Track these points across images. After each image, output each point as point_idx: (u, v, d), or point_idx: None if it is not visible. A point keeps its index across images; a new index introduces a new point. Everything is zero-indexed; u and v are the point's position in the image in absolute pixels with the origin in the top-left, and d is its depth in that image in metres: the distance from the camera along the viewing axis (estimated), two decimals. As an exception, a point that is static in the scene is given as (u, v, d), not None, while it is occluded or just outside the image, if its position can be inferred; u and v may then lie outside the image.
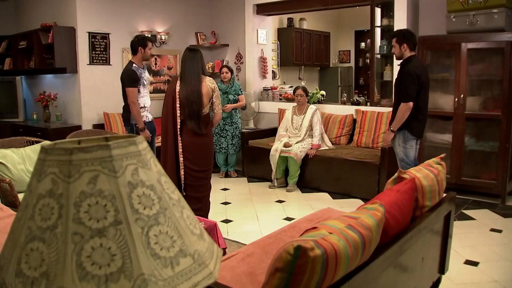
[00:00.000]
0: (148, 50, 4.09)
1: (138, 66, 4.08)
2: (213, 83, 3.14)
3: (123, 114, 4.22)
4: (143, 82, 4.11)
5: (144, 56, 4.10)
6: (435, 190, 1.92)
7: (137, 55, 4.08)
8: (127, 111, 4.10)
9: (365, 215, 1.34)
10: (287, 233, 2.17)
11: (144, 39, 4.12)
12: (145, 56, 4.11)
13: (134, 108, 3.95)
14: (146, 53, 4.09)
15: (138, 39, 4.11)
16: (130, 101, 3.96)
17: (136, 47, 4.07)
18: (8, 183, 3.00)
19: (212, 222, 2.61)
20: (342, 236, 1.20)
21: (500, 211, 4.12)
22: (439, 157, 2.14)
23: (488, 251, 3.21)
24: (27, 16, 6.28)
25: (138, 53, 4.07)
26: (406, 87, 3.52)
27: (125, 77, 4.03)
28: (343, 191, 4.76)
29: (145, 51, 4.06)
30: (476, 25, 4.37)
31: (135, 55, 4.10)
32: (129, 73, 4.00)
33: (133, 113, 3.98)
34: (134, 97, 3.96)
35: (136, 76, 4.00)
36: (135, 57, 4.10)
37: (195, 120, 3.05)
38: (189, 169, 3.16)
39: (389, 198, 1.60)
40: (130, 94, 3.96)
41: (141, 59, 4.12)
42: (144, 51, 4.06)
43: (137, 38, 4.17)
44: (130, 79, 3.97)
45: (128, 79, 3.98)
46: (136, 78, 4.01)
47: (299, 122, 5.13)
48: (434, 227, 1.95)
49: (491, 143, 4.48)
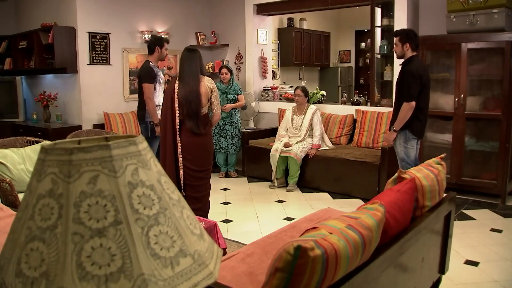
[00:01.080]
0: (164, 50, 4.26)
1: (154, 65, 4.22)
2: (211, 83, 3.14)
3: (138, 113, 4.31)
4: (159, 80, 4.24)
5: (160, 56, 4.26)
6: (435, 190, 1.92)
7: (153, 54, 4.22)
8: (142, 109, 4.20)
9: (365, 215, 1.34)
10: (287, 233, 2.17)
11: (161, 39, 4.29)
12: (161, 56, 4.27)
13: (150, 104, 4.05)
14: (162, 53, 4.25)
15: (155, 39, 4.30)
16: (146, 97, 4.07)
17: (153, 46, 4.22)
18: (8, 183, 3.00)
19: (212, 222, 2.61)
20: (342, 236, 1.20)
21: (500, 211, 4.12)
22: (439, 157, 2.14)
23: (488, 251, 3.21)
24: (27, 16, 6.28)
25: (154, 53, 4.22)
26: (408, 86, 3.52)
27: (143, 73, 4.15)
28: (343, 191, 4.76)
29: (162, 51, 4.23)
30: (476, 25, 4.37)
31: (151, 55, 4.24)
32: (147, 69, 4.13)
33: (149, 109, 4.07)
34: (150, 93, 4.06)
35: (153, 73, 4.14)
36: (151, 56, 4.24)
37: (193, 120, 3.05)
38: (188, 169, 3.16)
39: (389, 198, 1.60)
40: (147, 89, 4.06)
41: (157, 59, 4.26)
42: (161, 51, 4.22)
43: (154, 38, 4.37)
44: (147, 75, 4.09)
45: (146, 75, 4.10)
46: (153, 75, 4.14)
47: (299, 122, 5.13)
48: (434, 227, 1.95)
49: (491, 143, 4.47)
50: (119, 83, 5.84)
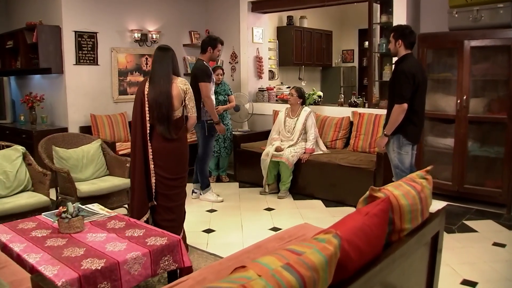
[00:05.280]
0: (217, 52, 4.31)
1: (207, 64, 4.26)
2: (185, 85, 2.90)
3: None
4: (213, 79, 4.28)
5: (211, 56, 4.31)
6: (416, 210, 1.65)
7: (205, 54, 4.28)
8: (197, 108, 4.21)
9: (312, 249, 1.08)
10: (250, 254, 1.92)
11: (215, 40, 4.31)
12: (213, 56, 4.33)
13: (209, 102, 4.08)
14: (214, 54, 4.31)
15: (209, 39, 4.33)
16: (204, 96, 4.07)
17: (206, 46, 4.27)
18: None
19: (175, 238, 2.36)
20: (272, 280, 0.94)
21: (505, 223, 3.80)
22: (425, 170, 1.86)
23: (489, 269, 2.91)
24: (16, 15, 6.12)
25: (206, 53, 4.27)
26: (400, 87, 3.24)
27: (199, 72, 4.14)
28: (337, 199, 4.48)
29: (214, 52, 4.28)
30: (480, 21, 4.06)
31: (203, 54, 4.29)
32: (203, 68, 4.14)
33: (208, 108, 4.13)
34: (208, 91, 4.08)
35: (209, 72, 4.16)
36: (203, 56, 4.29)
37: (164, 124, 2.81)
38: (161, 176, 2.92)
39: (353, 223, 1.33)
40: (204, 88, 4.07)
41: (209, 59, 4.31)
42: (213, 52, 4.28)
43: (209, 38, 4.40)
44: (204, 74, 4.10)
45: (202, 74, 4.10)
46: (209, 73, 4.16)
47: (292, 125, 4.86)
48: (416, 253, 1.67)
49: (496, 148, 4.16)
50: (108, 84, 5.64)
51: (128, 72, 5.79)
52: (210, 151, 4.54)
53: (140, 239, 2.37)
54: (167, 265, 2.32)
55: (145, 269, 2.22)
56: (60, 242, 2.33)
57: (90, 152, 3.86)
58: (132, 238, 2.37)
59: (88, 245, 2.29)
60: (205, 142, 4.47)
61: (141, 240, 2.35)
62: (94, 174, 3.82)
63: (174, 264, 2.35)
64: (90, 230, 2.52)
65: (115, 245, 2.29)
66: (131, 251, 2.21)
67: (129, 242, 2.32)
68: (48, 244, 2.32)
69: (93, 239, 2.37)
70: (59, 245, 2.30)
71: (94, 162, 3.85)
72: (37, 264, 2.07)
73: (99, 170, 3.86)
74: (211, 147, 4.55)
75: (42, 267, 2.04)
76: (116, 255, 2.17)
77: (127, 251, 2.21)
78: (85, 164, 3.79)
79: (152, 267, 2.25)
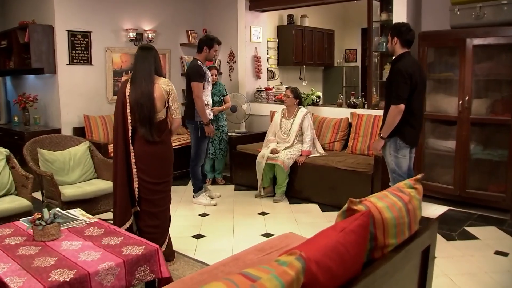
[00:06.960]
0: (213, 52, 4.27)
1: (202, 64, 4.20)
2: (168, 85, 2.77)
3: (186, 112, 4.28)
4: (207, 79, 4.22)
5: (207, 56, 4.27)
6: (403, 223, 1.50)
7: (201, 53, 4.23)
8: (191, 108, 4.19)
9: (270, 275, 0.94)
10: (225, 267, 1.78)
11: (212, 40, 4.26)
12: (209, 56, 4.29)
13: (199, 102, 4.05)
14: (210, 54, 4.26)
15: (206, 39, 4.29)
16: (195, 96, 4.05)
17: (202, 46, 4.22)
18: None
19: (153, 247, 2.23)
20: (215, 316, 0.81)
21: (509, 229, 3.63)
22: (414, 179, 1.71)
23: (489, 280, 2.75)
24: (11, 14, 6.04)
25: (202, 52, 4.23)
26: (396, 87, 3.08)
27: (191, 71, 4.13)
28: (334, 203, 4.32)
29: (210, 52, 4.23)
30: (483, 18, 3.89)
31: (199, 53, 4.24)
32: (196, 68, 4.11)
33: (198, 108, 4.08)
34: (199, 92, 4.05)
35: (202, 71, 4.12)
36: (199, 55, 4.25)
37: (146, 126, 2.69)
38: (143, 181, 2.79)
39: (326, 241, 1.19)
40: (196, 88, 4.05)
41: (204, 58, 4.26)
42: (209, 52, 4.23)
43: (206, 37, 4.35)
44: (196, 74, 4.07)
45: (194, 73, 4.08)
46: (202, 73, 4.11)
47: (288, 127, 4.72)
48: (403, 270, 1.53)
49: (499, 151, 3.98)
50: (102, 84, 5.54)
51: (123, 72, 5.68)
52: (202, 152, 4.42)
53: (116, 248, 2.24)
54: (143, 276, 2.20)
55: (118, 280, 2.09)
56: (32, 251, 2.22)
57: (77, 154, 3.75)
58: (108, 247, 2.25)
59: (61, 254, 2.17)
60: (197, 143, 4.35)
61: (117, 249, 2.23)
62: (81, 177, 3.71)
63: (151, 274, 2.23)
64: (66, 237, 2.40)
65: (89, 254, 2.17)
66: (105, 261, 2.09)
67: (104, 251, 2.20)
68: (20, 252, 2.20)
69: (67, 248, 2.25)
70: (31, 253, 2.19)
71: (81, 164, 3.74)
72: (4, 275, 1.96)
73: (86, 173, 3.75)
74: (204, 149, 4.42)
75: (8, 278, 1.93)
76: (88, 265, 2.04)
77: (100, 261, 2.09)
78: (71, 167, 3.68)
79: (126, 278, 2.12)
